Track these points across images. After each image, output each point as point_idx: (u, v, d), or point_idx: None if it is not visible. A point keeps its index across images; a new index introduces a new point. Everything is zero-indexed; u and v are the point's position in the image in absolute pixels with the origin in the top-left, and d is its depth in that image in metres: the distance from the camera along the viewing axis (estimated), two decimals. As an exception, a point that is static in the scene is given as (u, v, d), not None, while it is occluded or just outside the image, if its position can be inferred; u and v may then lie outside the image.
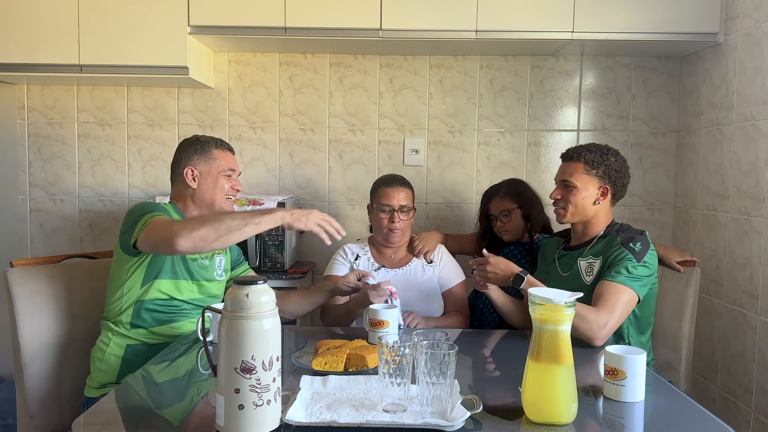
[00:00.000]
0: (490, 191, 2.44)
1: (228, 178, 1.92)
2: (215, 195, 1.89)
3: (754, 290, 2.22)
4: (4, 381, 2.69)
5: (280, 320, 1.13)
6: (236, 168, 1.96)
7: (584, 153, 1.88)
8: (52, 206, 2.88)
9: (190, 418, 1.23)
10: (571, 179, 1.87)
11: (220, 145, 1.94)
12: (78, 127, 2.85)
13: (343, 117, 2.85)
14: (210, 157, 1.90)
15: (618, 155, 1.91)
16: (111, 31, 2.44)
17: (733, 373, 2.36)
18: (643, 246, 1.78)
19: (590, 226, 1.91)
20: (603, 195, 1.87)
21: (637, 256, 1.75)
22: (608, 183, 1.87)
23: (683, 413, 1.29)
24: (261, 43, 2.68)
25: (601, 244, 1.86)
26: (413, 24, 2.42)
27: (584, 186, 1.86)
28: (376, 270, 2.18)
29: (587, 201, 1.87)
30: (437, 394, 1.16)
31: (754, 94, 2.24)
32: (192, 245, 1.56)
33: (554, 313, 1.16)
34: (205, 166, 1.89)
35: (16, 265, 1.93)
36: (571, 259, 1.92)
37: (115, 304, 1.79)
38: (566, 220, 1.91)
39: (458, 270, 2.25)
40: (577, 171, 1.87)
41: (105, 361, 1.76)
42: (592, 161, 1.86)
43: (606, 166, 1.86)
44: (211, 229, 1.56)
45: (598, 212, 1.89)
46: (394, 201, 2.14)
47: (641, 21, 2.41)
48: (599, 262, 1.83)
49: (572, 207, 1.87)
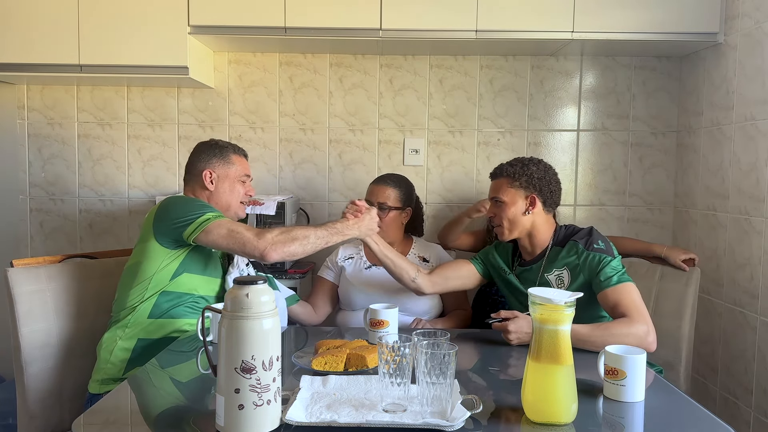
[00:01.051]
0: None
1: (243, 184, 1.99)
2: (231, 199, 1.97)
3: (754, 290, 2.22)
4: (4, 381, 2.69)
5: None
6: (250, 174, 2.04)
7: (506, 167, 1.94)
8: (52, 206, 2.88)
9: (190, 418, 1.23)
10: (499, 195, 1.92)
11: (238, 150, 2.02)
12: (78, 127, 2.85)
13: (343, 117, 2.85)
14: (228, 161, 1.98)
15: (540, 164, 1.94)
16: (111, 31, 2.44)
17: (733, 373, 2.36)
18: (604, 241, 1.83)
19: (534, 237, 1.92)
20: (532, 204, 1.89)
21: (608, 253, 1.79)
22: (534, 192, 1.89)
23: (683, 413, 1.29)
24: (261, 43, 2.68)
25: (561, 254, 1.87)
26: (413, 24, 2.42)
27: (512, 200, 1.90)
28: (368, 268, 2.18)
29: (518, 214, 1.89)
30: (437, 394, 1.16)
31: (754, 94, 2.24)
32: (280, 258, 1.74)
33: (554, 313, 1.16)
34: (223, 170, 1.96)
35: (16, 265, 1.93)
36: (532, 275, 1.92)
37: (135, 295, 1.79)
38: (507, 237, 1.93)
39: None
40: (502, 186, 1.92)
41: (113, 354, 1.77)
42: (513, 174, 1.91)
43: (527, 176, 1.89)
44: (299, 246, 1.75)
45: (536, 222, 1.91)
46: (374, 197, 2.19)
47: (641, 21, 2.41)
48: (566, 271, 1.85)
49: (507, 222, 1.90)
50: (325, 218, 2.88)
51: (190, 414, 1.26)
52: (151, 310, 1.78)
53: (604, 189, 2.85)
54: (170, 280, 1.80)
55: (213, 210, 1.81)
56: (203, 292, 1.86)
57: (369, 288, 2.13)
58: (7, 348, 1.94)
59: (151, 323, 1.78)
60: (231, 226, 1.76)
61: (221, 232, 1.74)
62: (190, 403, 1.34)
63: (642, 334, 1.63)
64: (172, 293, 1.80)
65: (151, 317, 1.78)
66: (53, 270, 1.98)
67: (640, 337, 1.62)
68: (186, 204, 1.82)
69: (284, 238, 1.73)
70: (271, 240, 1.72)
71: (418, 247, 2.24)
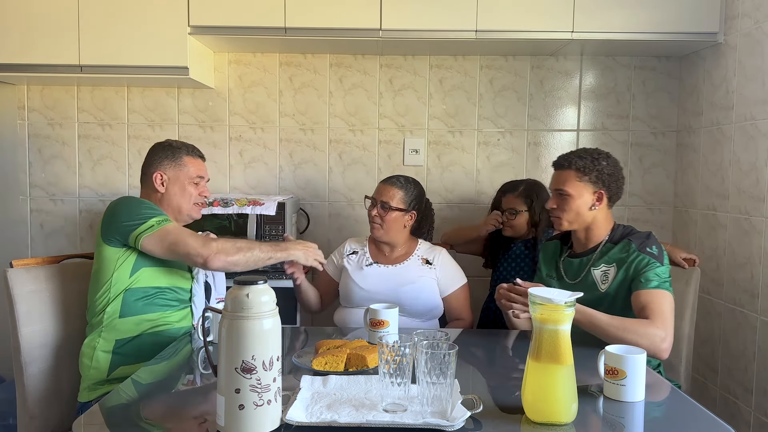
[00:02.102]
0: (507, 186, 2.49)
1: (196, 186, 1.95)
2: (182, 201, 1.93)
3: (754, 290, 2.22)
4: (4, 381, 2.69)
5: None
6: (205, 175, 1.99)
7: (575, 160, 1.86)
8: (53, 206, 2.88)
9: (190, 418, 1.23)
10: (565, 187, 1.85)
11: (191, 152, 1.98)
12: (78, 127, 2.85)
13: (343, 117, 2.85)
14: (180, 163, 1.94)
15: (609, 158, 1.88)
16: (111, 31, 2.44)
17: (733, 373, 2.36)
18: (658, 248, 1.79)
19: (592, 231, 1.88)
20: (598, 200, 1.84)
21: (658, 259, 1.75)
22: (602, 187, 1.85)
23: (683, 413, 1.29)
24: (261, 44, 2.68)
25: (613, 251, 1.83)
26: (413, 24, 2.42)
27: (578, 193, 1.84)
28: (369, 265, 2.19)
29: (583, 208, 1.84)
30: (437, 394, 1.16)
31: (754, 94, 2.24)
32: (222, 267, 1.76)
33: (554, 313, 1.16)
34: (174, 172, 1.93)
35: (16, 265, 1.93)
36: (578, 267, 1.90)
37: (101, 298, 1.80)
38: (564, 228, 1.89)
39: (459, 273, 2.22)
40: (569, 179, 1.85)
41: (95, 358, 1.77)
42: (583, 167, 1.84)
43: (598, 171, 1.84)
44: (243, 258, 1.75)
45: (597, 217, 1.86)
46: (377, 195, 2.19)
47: (641, 21, 2.41)
48: (613, 269, 1.81)
49: (568, 215, 1.86)
50: (326, 218, 2.88)
51: (190, 414, 1.26)
52: (120, 310, 1.79)
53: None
54: (130, 277, 1.79)
55: (159, 214, 1.79)
56: (167, 283, 1.85)
57: (368, 285, 2.13)
58: (7, 348, 1.94)
59: (123, 323, 1.79)
60: (175, 234, 1.74)
61: (165, 239, 1.74)
62: (190, 403, 1.34)
63: (657, 339, 1.61)
64: (136, 290, 1.80)
65: (122, 317, 1.79)
66: (53, 270, 1.98)
67: (655, 341, 1.61)
68: (131, 208, 1.80)
69: (229, 248, 1.74)
70: (216, 248, 1.72)
71: (422, 249, 2.22)
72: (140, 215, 1.76)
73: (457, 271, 2.22)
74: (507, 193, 2.44)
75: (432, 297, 2.15)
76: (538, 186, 2.45)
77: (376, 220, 2.17)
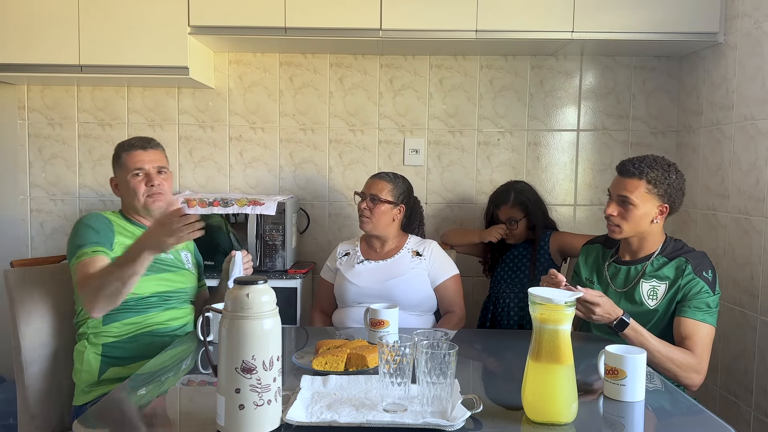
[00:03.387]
0: (497, 198, 2.48)
1: (136, 177, 1.85)
2: (131, 198, 1.87)
3: (754, 290, 2.22)
4: (5, 381, 2.69)
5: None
6: (144, 165, 1.86)
7: (647, 170, 1.75)
8: (53, 206, 2.88)
9: (190, 418, 1.24)
10: (632, 197, 1.75)
11: (128, 147, 1.89)
12: (78, 127, 2.85)
13: (343, 117, 2.85)
14: (120, 163, 1.90)
15: (678, 172, 1.80)
16: (111, 31, 2.44)
17: (733, 372, 2.36)
18: (713, 273, 1.75)
19: (646, 242, 1.82)
20: (661, 213, 1.78)
21: (712, 287, 1.72)
22: (668, 201, 1.77)
23: (683, 413, 1.29)
24: (261, 44, 2.68)
25: (667, 268, 1.78)
26: (413, 24, 2.42)
27: (643, 204, 1.75)
28: (360, 262, 2.20)
29: (645, 219, 1.77)
30: (437, 393, 1.16)
31: (754, 93, 2.24)
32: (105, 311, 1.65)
33: (554, 313, 1.16)
34: (120, 173, 1.90)
35: (16, 265, 1.93)
36: (626, 276, 1.84)
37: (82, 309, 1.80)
38: (620, 237, 1.82)
39: (450, 264, 2.23)
40: (638, 189, 1.75)
41: (85, 362, 1.76)
42: (655, 180, 1.75)
43: (668, 185, 1.75)
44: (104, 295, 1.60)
45: (654, 229, 1.80)
46: (367, 188, 2.21)
47: (641, 21, 2.41)
48: (664, 286, 1.76)
49: (628, 225, 1.78)
50: (326, 218, 2.88)
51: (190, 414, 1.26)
52: (102, 319, 1.77)
53: (604, 189, 2.81)
54: None
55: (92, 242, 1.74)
56: (151, 290, 1.81)
57: (359, 281, 2.14)
58: (7, 348, 1.94)
59: (108, 328, 1.78)
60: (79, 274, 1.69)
61: (76, 277, 1.71)
62: (190, 403, 1.34)
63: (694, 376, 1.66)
64: None
65: (106, 324, 1.78)
66: (53, 270, 1.98)
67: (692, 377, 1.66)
68: (73, 236, 1.79)
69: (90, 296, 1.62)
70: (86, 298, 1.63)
71: (412, 242, 2.24)
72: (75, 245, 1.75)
73: (447, 261, 2.23)
74: (501, 205, 2.44)
75: (422, 288, 2.16)
76: (525, 188, 2.46)
77: (365, 213, 2.18)
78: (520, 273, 2.42)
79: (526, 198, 2.41)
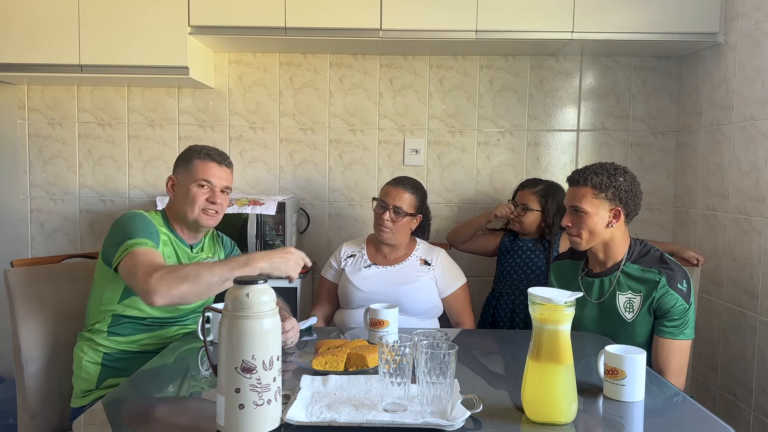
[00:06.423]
0: (527, 181, 2.51)
1: (200, 188, 1.81)
2: (186, 206, 1.80)
3: (754, 290, 2.22)
4: (5, 381, 2.69)
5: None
6: (213, 179, 1.82)
7: (591, 176, 1.79)
8: (53, 206, 2.88)
9: (190, 417, 1.23)
10: (581, 205, 1.78)
11: (205, 156, 1.84)
12: (78, 127, 2.85)
13: (343, 117, 2.85)
14: (189, 166, 1.83)
15: (627, 173, 1.81)
16: (111, 31, 2.44)
17: (733, 373, 2.36)
18: (687, 282, 1.73)
19: (610, 249, 1.81)
20: (615, 217, 1.77)
21: (686, 298, 1.71)
22: (619, 204, 1.77)
23: (683, 413, 1.30)
24: (261, 44, 2.68)
25: (640, 280, 1.76)
26: (413, 24, 2.42)
27: (595, 211, 1.77)
28: (367, 267, 2.18)
29: (599, 225, 1.77)
30: (437, 393, 1.16)
31: (754, 94, 2.24)
32: (169, 303, 1.53)
33: (554, 313, 1.16)
34: (183, 176, 1.84)
35: (16, 265, 1.93)
36: (600, 288, 1.83)
37: (93, 311, 1.78)
38: (584, 248, 1.82)
39: (458, 273, 2.21)
40: (585, 196, 1.78)
41: (84, 368, 1.75)
42: (600, 184, 1.77)
43: (615, 188, 1.77)
44: (190, 287, 1.51)
45: (614, 234, 1.79)
46: (389, 199, 2.15)
47: (641, 21, 2.41)
48: (639, 298, 1.75)
49: (586, 233, 1.78)
50: (326, 218, 2.88)
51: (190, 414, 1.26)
52: (108, 329, 1.74)
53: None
54: (118, 303, 1.72)
55: (142, 236, 1.66)
56: (164, 313, 1.76)
57: (366, 286, 2.13)
58: (7, 348, 1.94)
59: (111, 340, 1.74)
60: (134, 262, 1.58)
61: (125, 267, 1.60)
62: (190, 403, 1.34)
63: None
64: (123, 317, 1.73)
65: (110, 336, 1.74)
66: (53, 270, 1.98)
67: None
68: (117, 228, 1.70)
69: (172, 280, 1.51)
70: (158, 281, 1.50)
71: (421, 249, 2.22)
72: (122, 236, 1.66)
73: (456, 271, 2.22)
74: (525, 188, 2.46)
75: (430, 297, 2.14)
76: (556, 189, 2.45)
77: (386, 225, 2.13)
78: (527, 268, 2.41)
79: (551, 195, 2.40)
